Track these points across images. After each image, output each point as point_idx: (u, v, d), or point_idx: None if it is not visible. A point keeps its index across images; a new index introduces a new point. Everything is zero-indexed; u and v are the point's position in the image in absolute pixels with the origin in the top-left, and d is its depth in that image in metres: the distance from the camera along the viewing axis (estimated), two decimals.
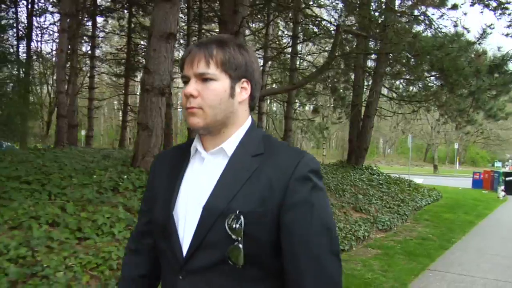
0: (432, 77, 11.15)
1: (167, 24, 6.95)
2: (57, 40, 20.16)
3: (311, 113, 20.49)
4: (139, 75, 29.79)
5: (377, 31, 8.81)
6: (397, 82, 17.76)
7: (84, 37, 23.64)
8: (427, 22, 10.39)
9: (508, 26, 12.03)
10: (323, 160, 32.00)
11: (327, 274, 1.25)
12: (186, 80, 1.35)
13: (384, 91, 18.55)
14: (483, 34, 9.02)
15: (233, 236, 1.23)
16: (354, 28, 9.82)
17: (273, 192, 1.26)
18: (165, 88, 7.23)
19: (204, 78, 1.31)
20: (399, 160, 66.72)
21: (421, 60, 8.66)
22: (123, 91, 24.95)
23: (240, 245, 1.23)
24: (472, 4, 12.82)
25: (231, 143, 1.37)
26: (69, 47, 17.13)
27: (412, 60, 9.14)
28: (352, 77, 18.34)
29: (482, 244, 8.59)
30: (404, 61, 9.50)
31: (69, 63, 18.23)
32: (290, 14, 15.50)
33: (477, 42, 9.04)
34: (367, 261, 6.60)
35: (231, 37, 1.39)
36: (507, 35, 12.45)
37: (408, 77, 13.96)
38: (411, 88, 15.47)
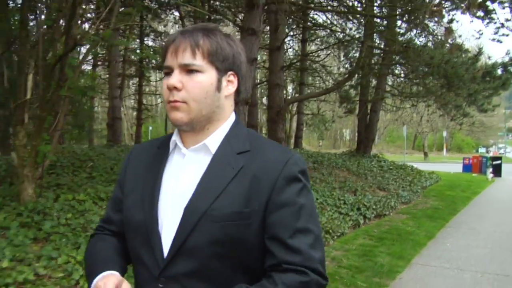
0: (435, 81, 13.63)
1: (252, 52, 9.39)
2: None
3: (343, 114, 22.92)
4: (153, 75, 31.75)
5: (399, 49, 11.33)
6: (399, 80, 20.24)
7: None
8: (430, 37, 12.95)
9: (495, 33, 14.63)
10: (319, 150, 34.60)
11: (311, 259, 1.19)
12: (168, 71, 1.25)
13: (387, 88, 21.03)
14: (479, 51, 11.68)
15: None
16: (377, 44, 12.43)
17: (259, 190, 1.20)
18: (248, 99, 9.73)
19: (189, 70, 1.22)
20: (389, 148, 69.69)
21: (433, 71, 11.23)
22: (138, 91, 26.24)
23: None
24: (463, 13, 15.40)
25: (214, 139, 1.29)
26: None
27: (426, 69, 11.66)
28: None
29: (480, 212, 11.26)
30: (420, 70, 12.01)
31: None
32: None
33: (475, 58, 11.66)
34: (403, 221, 9.22)
35: (216, 26, 1.33)
36: (493, 40, 15.13)
37: (410, 77, 16.43)
38: (411, 86, 17.93)
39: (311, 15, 18.39)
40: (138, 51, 17.37)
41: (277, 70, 13.05)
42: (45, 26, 5.86)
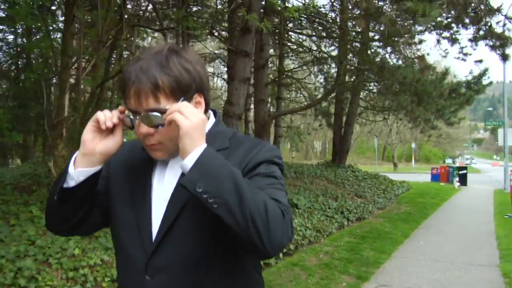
0: (406, 97, 14.84)
1: (245, 72, 10.37)
2: None
3: (319, 126, 24.10)
4: None
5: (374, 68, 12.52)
6: (371, 95, 21.47)
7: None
8: (402, 56, 14.18)
9: (459, 53, 15.95)
10: (292, 161, 35.79)
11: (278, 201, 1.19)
12: (133, 120, 1.26)
13: (361, 102, 22.26)
14: (446, 71, 12.97)
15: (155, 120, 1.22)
16: (353, 63, 13.64)
17: None
18: (241, 114, 10.72)
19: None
20: (359, 159, 71.51)
21: (405, 89, 12.45)
22: None
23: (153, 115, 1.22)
24: (430, 32, 16.75)
25: None
26: None
27: (399, 87, 12.87)
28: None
29: (448, 216, 12.48)
30: (393, 88, 13.22)
31: None
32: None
33: (442, 77, 12.93)
34: (381, 223, 10.30)
35: (169, 48, 1.29)
36: (458, 58, 16.47)
37: (383, 92, 17.66)
38: (384, 100, 19.16)
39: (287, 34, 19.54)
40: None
41: (261, 87, 14.09)
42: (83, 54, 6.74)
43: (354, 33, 12.89)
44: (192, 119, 1.15)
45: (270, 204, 1.13)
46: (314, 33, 16.38)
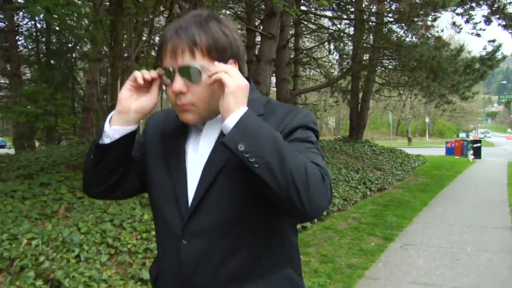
0: (422, 73, 15.38)
1: (271, 53, 11.03)
2: None
3: (335, 103, 24.64)
4: None
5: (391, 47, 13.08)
6: (387, 71, 21.98)
7: None
8: (419, 35, 14.70)
9: (473, 28, 16.37)
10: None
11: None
12: (169, 78, 1.28)
13: (376, 78, 22.78)
14: (461, 48, 13.49)
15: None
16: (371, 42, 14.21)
17: None
18: (268, 93, 11.40)
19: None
20: (373, 135, 71.78)
21: (421, 66, 13.03)
22: None
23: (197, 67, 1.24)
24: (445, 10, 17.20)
25: None
26: None
27: (415, 64, 13.44)
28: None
29: (463, 186, 13.16)
30: (410, 65, 13.80)
31: None
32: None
33: (457, 54, 13.46)
34: (400, 193, 11.03)
35: (209, 13, 1.33)
36: (472, 34, 16.89)
37: (399, 69, 18.17)
38: (400, 77, 19.67)
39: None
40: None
41: (283, 66, 14.71)
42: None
43: (369, 13, 13.39)
44: (238, 80, 1.19)
45: (310, 167, 1.16)
46: (331, 14, 16.90)
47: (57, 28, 13.92)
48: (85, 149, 9.30)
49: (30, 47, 18.35)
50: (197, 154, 1.34)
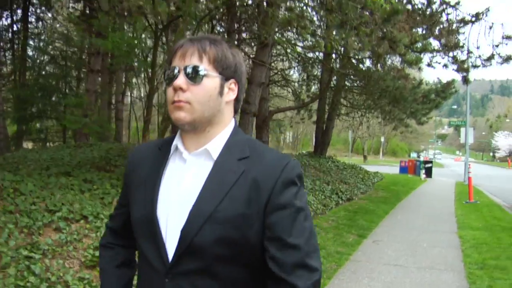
0: (386, 100, 17.46)
1: (261, 78, 12.67)
2: None
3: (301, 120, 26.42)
4: None
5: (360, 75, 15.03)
6: (352, 95, 24.01)
7: None
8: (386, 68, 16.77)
9: (428, 66, 18.55)
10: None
11: (309, 267, 1.28)
12: (171, 76, 1.32)
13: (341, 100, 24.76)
14: (421, 82, 15.66)
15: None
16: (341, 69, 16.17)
17: (259, 193, 1.28)
18: (256, 112, 13.08)
19: (194, 74, 1.30)
20: (330, 151, 73.77)
21: (386, 94, 15.08)
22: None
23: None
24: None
25: (215, 144, 1.36)
26: None
27: (380, 93, 15.47)
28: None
29: (417, 200, 15.20)
30: (375, 93, 15.84)
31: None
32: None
33: (417, 87, 15.58)
34: (365, 204, 12.89)
35: (221, 38, 1.41)
36: (428, 65, 19.13)
37: (365, 94, 20.17)
38: (365, 101, 21.72)
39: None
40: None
41: (264, 87, 16.43)
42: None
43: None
44: None
45: None
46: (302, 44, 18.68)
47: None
48: (98, 154, 10.66)
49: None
50: (182, 190, 1.33)
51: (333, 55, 16.31)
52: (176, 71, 1.31)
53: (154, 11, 5.41)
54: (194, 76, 1.29)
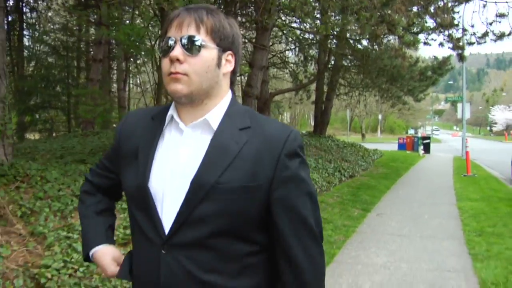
0: (382, 78, 17.83)
1: (262, 61, 13.01)
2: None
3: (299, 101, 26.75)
4: None
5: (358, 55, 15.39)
6: (350, 75, 24.35)
7: None
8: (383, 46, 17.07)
9: (426, 38, 18.92)
10: None
11: (313, 235, 1.33)
12: (167, 47, 1.29)
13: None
14: (417, 60, 16.00)
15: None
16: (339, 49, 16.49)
17: (263, 166, 1.27)
18: (258, 95, 13.43)
19: (191, 44, 1.27)
20: (329, 130, 73.99)
21: (384, 73, 15.45)
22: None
23: None
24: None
25: (214, 114, 1.33)
26: None
27: (377, 71, 15.83)
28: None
29: (417, 175, 15.67)
30: (373, 72, 16.21)
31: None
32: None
33: (413, 65, 15.93)
34: (367, 180, 13.34)
35: (219, 9, 1.41)
36: (424, 43, 19.50)
37: (363, 73, 20.51)
38: (362, 80, 22.07)
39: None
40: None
41: (264, 70, 16.75)
42: None
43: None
44: None
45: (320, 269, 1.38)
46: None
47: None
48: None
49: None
50: (180, 162, 1.31)
51: (330, 36, 16.68)
52: (172, 41, 1.28)
53: (171, 5, 5.67)
54: (191, 47, 1.27)
